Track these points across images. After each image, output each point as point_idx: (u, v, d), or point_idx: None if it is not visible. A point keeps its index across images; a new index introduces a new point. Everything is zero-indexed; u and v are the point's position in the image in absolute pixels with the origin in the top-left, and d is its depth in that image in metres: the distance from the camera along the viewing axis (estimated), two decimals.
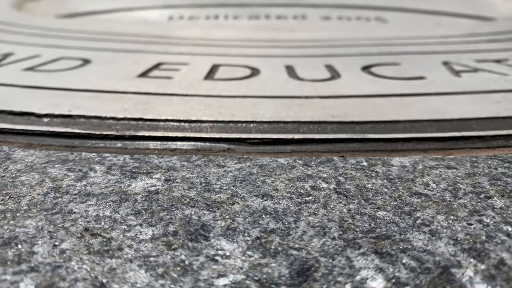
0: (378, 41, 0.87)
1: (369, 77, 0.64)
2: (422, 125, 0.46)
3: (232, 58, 0.74)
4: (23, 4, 1.47)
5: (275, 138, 0.43)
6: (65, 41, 0.88)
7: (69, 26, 1.06)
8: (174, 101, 0.53)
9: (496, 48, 0.84)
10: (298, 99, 0.54)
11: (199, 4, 1.55)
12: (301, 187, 0.33)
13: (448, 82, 0.61)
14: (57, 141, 0.42)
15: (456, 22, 1.25)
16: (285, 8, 1.45)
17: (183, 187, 0.33)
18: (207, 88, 0.58)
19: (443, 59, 0.74)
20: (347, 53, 0.78)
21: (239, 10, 1.41)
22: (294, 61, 0.72)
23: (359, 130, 0.45)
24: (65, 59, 0.74)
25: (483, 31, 1.00)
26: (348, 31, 1.06)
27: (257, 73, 0.65)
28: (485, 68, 0.69)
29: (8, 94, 0.56)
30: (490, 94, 0.56)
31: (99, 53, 0.77)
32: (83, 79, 0.62)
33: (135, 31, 0.96)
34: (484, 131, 0.45)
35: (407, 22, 1.23)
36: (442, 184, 0.33)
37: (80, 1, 1.66)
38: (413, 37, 0.92)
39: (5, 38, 0.91)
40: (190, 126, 0.46)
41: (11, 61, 0.73)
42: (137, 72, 0.65)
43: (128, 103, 0.52)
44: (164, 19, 1.25)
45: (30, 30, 1.00)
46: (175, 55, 0.76)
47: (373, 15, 1.31)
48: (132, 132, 0.44)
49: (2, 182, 0.34)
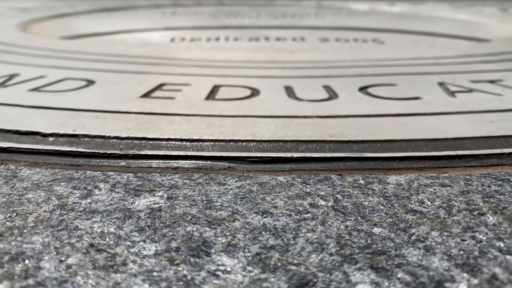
0: (374, 62, 0.90)
1: (366, 97, 0.65)
2: (417, 144, 0.47)
3: (232, 79, 0.76)
4: (28, 26, 1.50)
5: (275, 156, 0.44)
6: (69, 62, 0.90)
7: (73, 48, 1.08)
8: (176, 120, 0.55)
9: (490, 69, 0.86)
10: (297, 118, 0.56)
11: (200, 26, 1.59)
12: (299, 204, 0.34)
13: (443, 102, 0.63)
14: (62, 160, 0.43)
15: (451, 43, 1.28)
16: (284, 30, 1.48)
17: (185, 204, 0.34)
18: (208, 108, 0.60)
19: (438, 80, 0.76)
20: (344, 74, 0.80)
21: (239, 32, 1.44)
22: (293, 81, 0.74)
23: (356, 149, 0.46)
24: (70, 79, 0.75)
25: (478, 52, 1.03)
26: (346, 52, 1.08)
27: (257, 94, 0.67)
28: (479, 88, 0.71)
29: (14, 114, 0.57)
30: (484, 114, 0.58)
31: (103, 74, 0.79)
32: (88, 99, 0.64)
33: (138, 53, 0.99)
34: (478, 150, 0.46)
35: (403, 43, 1.26)
36: (437, 201, 0.34)
37: (83, 23, 1.70)
38: (409, 58, 0.94)
39: (11, 59, 0.94)
40: (191, 145, 0.48)
41: (17, 81, 0.75)
42: (140, 93, 0.67)
43: (131, 123, 0.53)
44: (166, 41, 1.28)
45: (35, 51, 1.02)
46: (177, 76, 0.78)
47: (370, 37, 1.34)
48: (135, 151, 0.45)
49: (9, 200, 0.35)
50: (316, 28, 1.56)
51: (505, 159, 0.44)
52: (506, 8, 2.39)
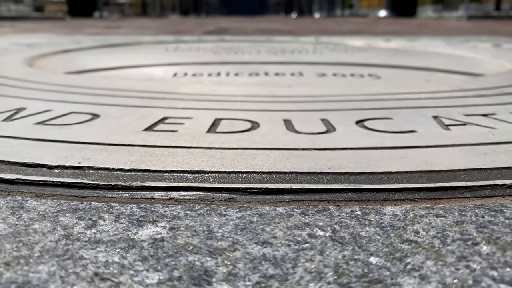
0: (371, 96, 0.92)
1: (362, 130, 0.67)
2: (413, 176, 0.48)
3: (233, 112, 0.78)
4: (34, 61, 1.55)
5: (274, 188, 0.46)
6: (74, 96, 0.93)
7: (79, 82, 1.11)
8: (179, 153, 0.56)
9: (484, 102, 0.88)
10: (296, 151, 0.57)
11: (202, 61, 1.64)
12: (298, 234, 0.35)
13: (438, 135, 0.65)
14: (67, 191, 0.45)
15: (446, 78, 1.32)
16: (283, 66, 1.53)
17: (187, 235, 0.35)
18: (209, 141, 0.61)
19: (433, 113, 0.78)
20: (341, 107, 0.82)
21: (240, 67, 1.49)
22: (291, 115, 0.76)
23: (354, 180, 0.48)
24: (75, 113, 0.78)
25: (472, 87, 1.06)
26: (343, 87, 1.12)
27: (257, 127, 0.69)
28: (473, 121, 0.73)
29: (21, 146, 0.59)
30: (478, 146, 0.60)
31: (107, 108, 0.81)
32: (92, 132, 0.66)
33: (142, 87, 1.02)
34: (472, 181, 0.47)
35: (399, 78, 1.30)
36: (432, 231, 0.35)
37: (88, 58, 1.75)
38: (404, 93, 0.97)
39: (18, 93, 0.96)
40: (193, 177, 0.49)
41: (24, 115, 0.77)
42: (143, 126, 0.69)
43: (135, 155, 0.55)
44: (169, 76, 1.32)
45: (41, 86, 1.06)
46: (179, 110, 0.80)
47: (366, 72, 1.38)
48: (138, 183, 0.47)
49: (16, 230, 0.36)
50: (314, 63, 1.61)
51: (498, 191, 0.45)
52: (499, 44, 2.46)
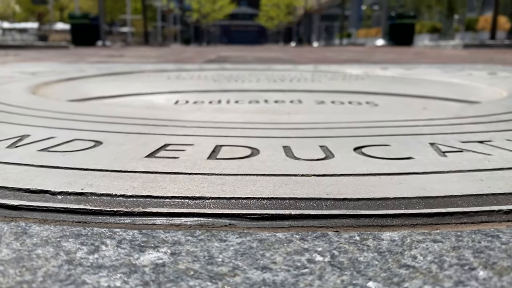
0: (369, 123, 0.94)
1: (360, 157, 0.68)
2: (410, 202, 0.49)
3: (233, 139, 0.80)
4: (38, 89, 1.58)
5: (274, 213, 0.46)
6: (78, 123, 0.95)
7: (82, 110, 1.13)
8: (180, 179, 0.57)
9: (480, 130, 0.90)
10: (295, 177, 0.58)
11: (203, 89, 1.67)
12: (298, 260, 0.36)
13: (435, 161, 0.66)
14: (70, 217, 0.45)
15: (442, 105, 1.34)
16: (282, 93, 1.56)
17: (187, 260, 0.35)
18: (210, 167, 0.62)
19: (430, 140, 0.79)
20: (340, 134, 0.84)
21: (240, 95, 1.52)
22: (291, 142, 0.78)
23: (352, 206, 0.48)
24: (78, 140, 0.79)
25: (468, 114, 1.08)
26: (341, 114, 1.14)
27: (257, 153, 0.70)
28: (469, 148, 0.74)
29: (25, 173, 0.60)
30: (474, 172, 0.61)
31: (110, 135, 0.83)
32: (95, 159, 0.67)
33: (144, 115, 1.04)
34: (469, 207, 0.48)
35: (396, 106, 1.32)
36: (429, 256, 0.36)
37: (91, 86, 1.79)
38: (401, 120, 0.99)
39: (22, 120, 0.98)
40: (194, 203, 0.50)
41: (28, 142, 0.78)
42: (145, 153, 0.70)
43: (137, 182, 0.56)
44: (171, 103, 1.34)
45: (45, 113, 1.08)
46: (181, 137, 0.82)
47: (364, 99, 1.41)
48: (140, 209, 0.47)
49: (19, 255, 0.36)
50: (313, 91, 1.64)
51: (495, 216, 0.46)
52: (495, 72, 2.51)
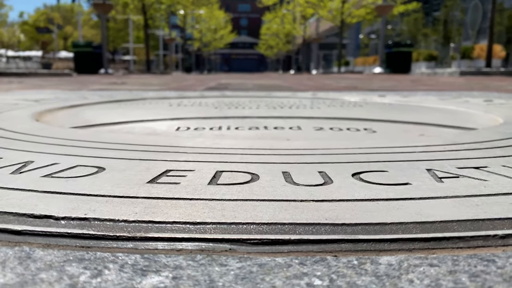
0: (367, 149, 0.96)
1: (359, 182, 0.69)
2: (407, 227, 0.50)
3: (234, 165, 0.81)
4: (41, 116, 1.61)
5: (273, 238, 0.47)
6: (81, 150, 0.96)
7: (84, 137, 1.15)
8: (181, 204, 0.58)
9: (476, 156, 0.91)
10: (294, 202, 0.59)
11: (204, 116, 1.70)
12: (297, 284, 0.36)
13: (431, 187, 0.67)
14: (73, 242, 0.46)
15: (439, 131, 1.36)
16: (282, 120, 1.59)
17: (189, 284, 0.36)
18: (210, 192, 0.64)
19: (426, 166, 0.80)
20: (338, 160, 0.85)
21: (240, 121, 1.54)
22: (290, 167, 0.79)
23: (350, 231, 0.49)
24: (81, 166, 0.80)
25: (464, 141, 1.09)
26: (340, 140, 1.16)
27: (256, 179, 0.71)
28: (465, 174, 0.75)
29: (29, 199, 0.61)
30: (470, 198, 0.62)
31: (112, 161, 0.84)
32: (98, 185, 0.68)
33: (146, 141, 1.06)
34: (465, 232, 0.49)
35: (394, 132, 1.34)
36: (426, 280, 0.36)
37: (94, 113, 1.82)
38: (399, 146, 1.00)
39: (26, 147, 1.00)
40: (195, 228, 0.50)
41: (31, 168, 0.80)
42: (147, 179, 0.71)
43: (139, 207, 0.57)
44: (173, 130, 1.37)
45: (48, 140, 1.09)
46: (182, 163, 0.83)
47: (362, 126, 1.43)
48: (142, 234, 0.48)
49: (23, 280, 0.37)
50: (311, 117, 1.67)
51: (491, 241, 0.47)
52: (491, 99, 2.56)
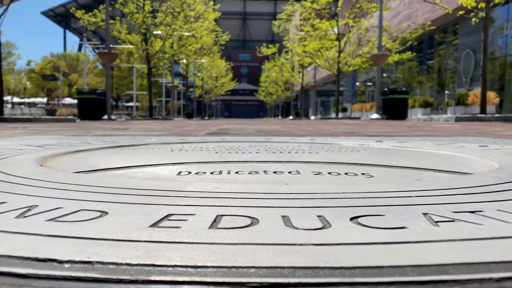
0: (364, 194, 0.98)
1: (356, 226, 0.71)
2: (404, 270, 0.51)
3: (234, 209, 0.83)
4: (45, 161, 1.64)
5: (273, 282, 0.48)
6: (84, 194, 0.98)
7: (88, 181, 1.17)
8: (182, 248, 0.60)
9: (471, 200, 0.93)
10: (293, 246, 0.60)
11: (205, 161, 1.73)
12: None
13: (428, 231, 0.68)
14: (77, 285, 0.47)
15: (436, 176, 1.39)
16: (281, 164, 1.61)
17: None
18: (211, 236, 0.65)
19: (423, 211, 0.82)
20: (337, 205, 0.87)
21: (240, 166, 1.57)
22: (289, 211, 0.81)
23: (348, 274, 0.50)
24: (85, 210, 0.82)
25: (460, 185, 1.11)
26: (338, 185, 1.18)
27: (256, 223, 0.73)
28: (461, 218, 0.77)
29: (33, 242, 0.62)
30: (465, 241, 0.63)
31: (115, 206, 0.86)
32: (101, 229, 0.69)
33: (148, 186, 1.08)
34: (461, 275, 0.50)
35: (391, 177, 1.36)
36: None
37: (97, 158, 1.85)
38: (396, 191, 1.02)
39: (30, 191, 1.02)
40: (196, 271, 0.51)
41: (36, 212, 0.81)
42: (149, 223, 0.73)
43: (141, 251, 0.58)
44: (174, 174, 1.39)
45: (52, 184, 1.11)
46: (183, 207, 0.85)
47: (360, 170, 1.46)
48: (144, 277, 0.49)
49: None
50: (310, 162, 1.70)
51: (486, 284, 0.48)
52: (486, 144, 2.60)
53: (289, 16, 34.57)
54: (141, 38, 21.32)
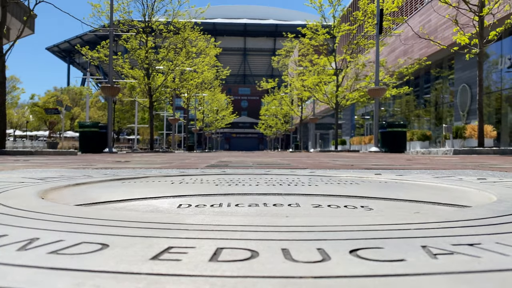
0: (363, 227, 0.98)
1: (356, 259, 0.71)
2: None
3: (234, 242, 0.83)
4: (46, 194, 1.65)
5: None
6: (85, 227, 0.99)
7: (89, 214, 1.18)
8: (182, 281, 0.60)
9: (470, 233, 0.93)
10: (293, 279, 0.61)
11: (205, 193, 1.74)
12: None
13: (426, 263, 0.69)
14: None
15: (434, 209, 1.39)
16: (281, 197, 1.62)
17: None
18: (211, 269, 0.65)
19: (421, 243, 0.83)
20: (336, 237, 0.87)
21: (240, 198, 1.57)
22: (289, 244, 0.81)
23: None
24: (86, 243, 0.82)
25: (459, 218, 1.12)
26: (337, 217, 1.18)
27: (256, 255, 0.73)
28: (459, 251, 0.77)
29: (35, 275, 0.63)
30: (463, 274, 0.63)
31: (116, 238, 0.87)
32: (102, 261, 0.70)
33: (149, 218, 1.08)
34: None
35: (390, 210, 1.37)
36: None
37: (98, 191, 1.86)
38: (394, 224, 1.03)
39: (31, 224, 1.02)
40: None
41: (37, 245, 0.81)
42: (149, 255, 0.73)
43: (141, 283, 0.59)
44: (174, 207, 1.40)
45: (53, 217, 1.12)
46: (183, 240, 0.86)
47: (359, 203, 1.47)
48: None
49: None
50: (310, 195, 1.71)
51: None
52: (484, 177, 2.61)
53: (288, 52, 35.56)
54: (143, 73, 21.82)
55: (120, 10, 20.86)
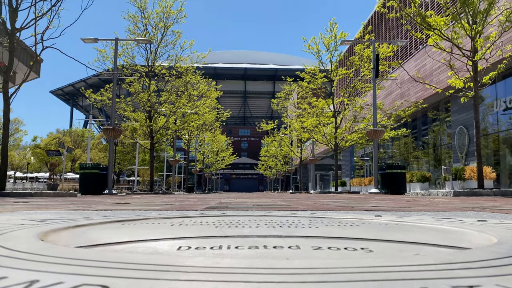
0: (363, 268, 0.98)
1: None
2: None
3: (234, 284, 0.84)
4: (46, 236, 1.65)
5: None
6: (85, 269, 0.99)
7: (89, 256, 1.18)
8: None
9: (470, 275, 0.93)
10: None
11: (205, 235, 1.73)
12: None
13: None
14: None
15: (434, 251, 1.39)
16: (281, 239, 1.62)
17: None
18: None
19: (421, 285, 0.83)
20: (336, 279, 0.87)
21: (240, 240, 1.57)
22: (289, 286, 0.81)
23: None
24: (86, 285, 0.82)
25: (458, 260, 1.12)
26: (337, 259, 1.18)
27: None
28: None
29: None
30: None
31: (116, 280, 0.87)
32: None
33: (149, 260, 1.09)
34: None
35: (390, 252, 1.37)
36: None
37: (98, 233, 1.85)
38: (394, 265, 1.03)
39: (31, 266, 1.02)
40: None
41: (37, 287, 0.82)
42: None
43: None
44: (174, 249, 1.39)
45: (53, 259, 1.12)
46: (183, 282, 0.86)
47: (359, 245, 1.46)
48: None
49: None
50: (310, 237, 1.70)
51: None
52: (485, 219, 2.60)
53: (287, 95, 36.35)
54: (145, 115, 22.19)
55: (124, 55, 21.61)
